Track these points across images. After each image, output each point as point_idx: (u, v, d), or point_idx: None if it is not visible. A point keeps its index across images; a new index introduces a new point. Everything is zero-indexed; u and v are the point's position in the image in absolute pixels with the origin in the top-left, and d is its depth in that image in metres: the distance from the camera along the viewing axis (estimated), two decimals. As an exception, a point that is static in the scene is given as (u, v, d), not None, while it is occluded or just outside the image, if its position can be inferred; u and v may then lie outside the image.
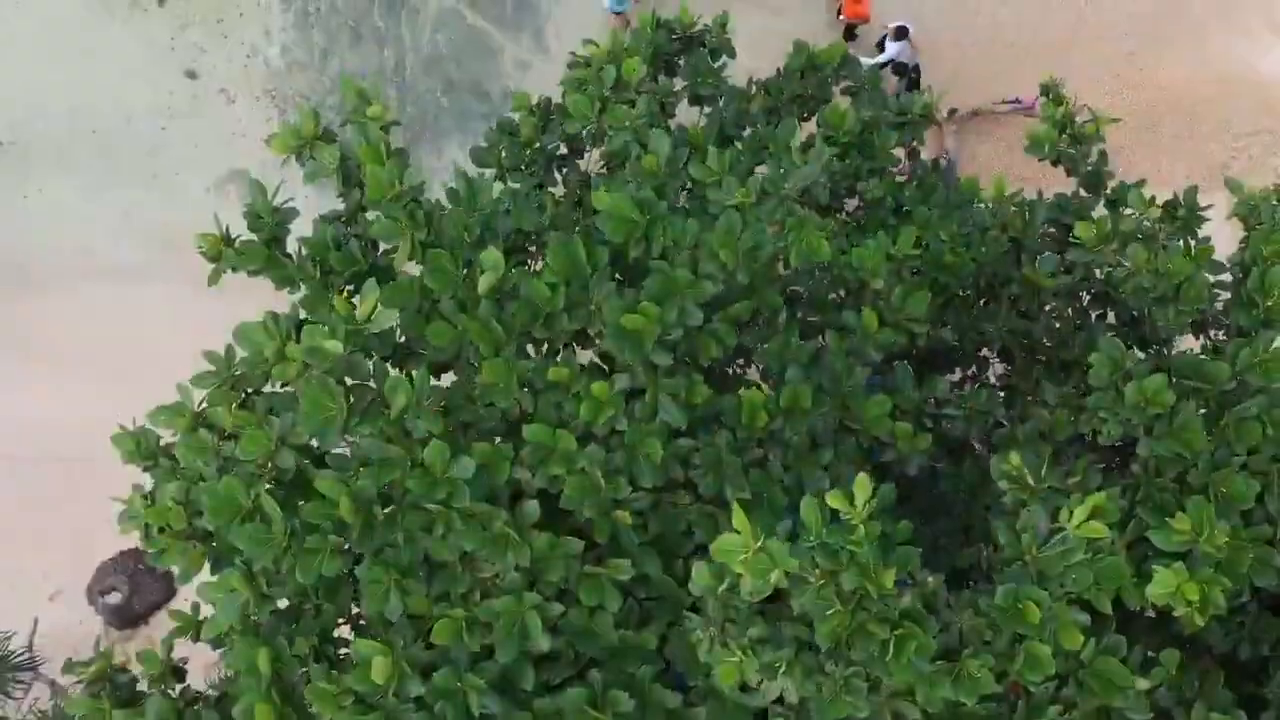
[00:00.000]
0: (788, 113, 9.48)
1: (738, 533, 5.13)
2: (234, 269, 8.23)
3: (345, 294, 7.88)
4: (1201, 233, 14.56)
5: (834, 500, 5.14)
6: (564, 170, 9.27)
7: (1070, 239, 7.27)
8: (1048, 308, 8.46)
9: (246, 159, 16.02)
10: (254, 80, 16.05)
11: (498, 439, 6.20)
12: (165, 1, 16.05)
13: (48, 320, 15.92)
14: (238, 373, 7.60)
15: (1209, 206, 9.76)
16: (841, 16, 15.02)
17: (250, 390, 7.04)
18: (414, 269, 6.72)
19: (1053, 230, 9.63)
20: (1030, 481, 5.79)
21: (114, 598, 15.08)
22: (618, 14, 15.22)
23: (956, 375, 8.98)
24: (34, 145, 16.03)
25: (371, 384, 5.75)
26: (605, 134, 6.55)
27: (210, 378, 7.61)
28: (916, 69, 14.77)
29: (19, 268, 15.99)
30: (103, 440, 16.33)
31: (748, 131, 9.30)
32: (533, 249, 6.88)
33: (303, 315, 7.57)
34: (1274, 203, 6.82)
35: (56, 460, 15.70)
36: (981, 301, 8.63)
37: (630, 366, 6.17)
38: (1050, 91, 10.02)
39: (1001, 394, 8.51)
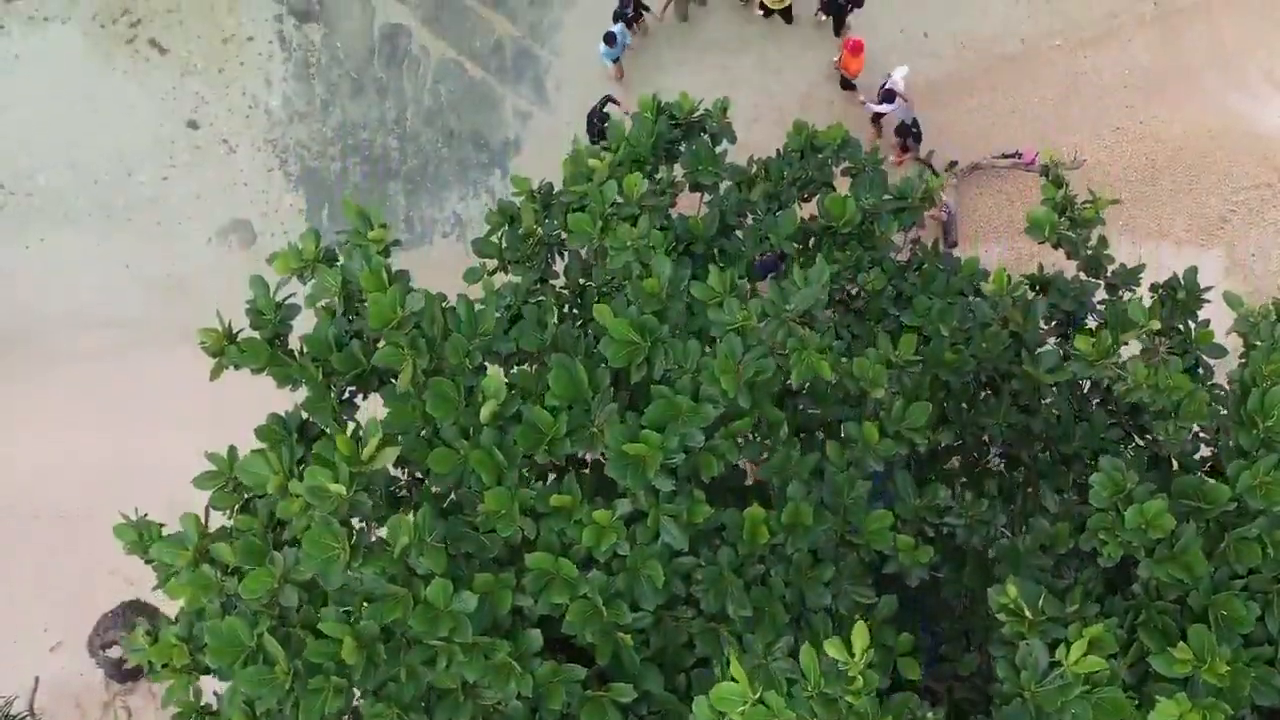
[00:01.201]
0: (788, 197, 9.52)
1: (735, 680, 5.14)
2: (235, 367, 8.23)
3: (347, 397, 7.93)
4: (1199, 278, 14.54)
5: (832, 649, 5.15)
6: (565, 254, 9.33)
7: (1071, 350, 7.26)
8: (1047, 400, 8.47)
9: (248, 209, 16.12)
10: (255, 130, 16.08)
11: (498, 565, 6.21)
12: (167, 51, 16.08)
13: (48, 371, 15.94)
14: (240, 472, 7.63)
15: (1209, 288, 9.83)
16: (837, 66, 15.07)
17: (253, 495, 7.07)
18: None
19: (1054, 318, 9.69)
20: (1028, 614, 5.80)
21: (115, 651, 15.06)
22: (614, 62, 15.24)
23: (956, 463, 9.01)
24: (36, 196, 16.08)
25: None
26: (607, 252, 6.55)
27: (212, 479, 7.63)
28: (915, 124, 14.78)
29: (20, 318, 16.03)
30: (103, 492, 16.39)
31: (749, 219, 9.37)
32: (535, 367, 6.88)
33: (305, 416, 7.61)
34: (1273, 320, 6.81)
35: (57, 513, 15.73)
36: (981, 396, 8.64)
37: (632, 491, 6.19)
38: (1050, 173, 10.02)
39: (1001, 494, 8.56)
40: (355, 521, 5.93)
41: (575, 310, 8.62)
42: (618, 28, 14.64)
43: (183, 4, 16.11)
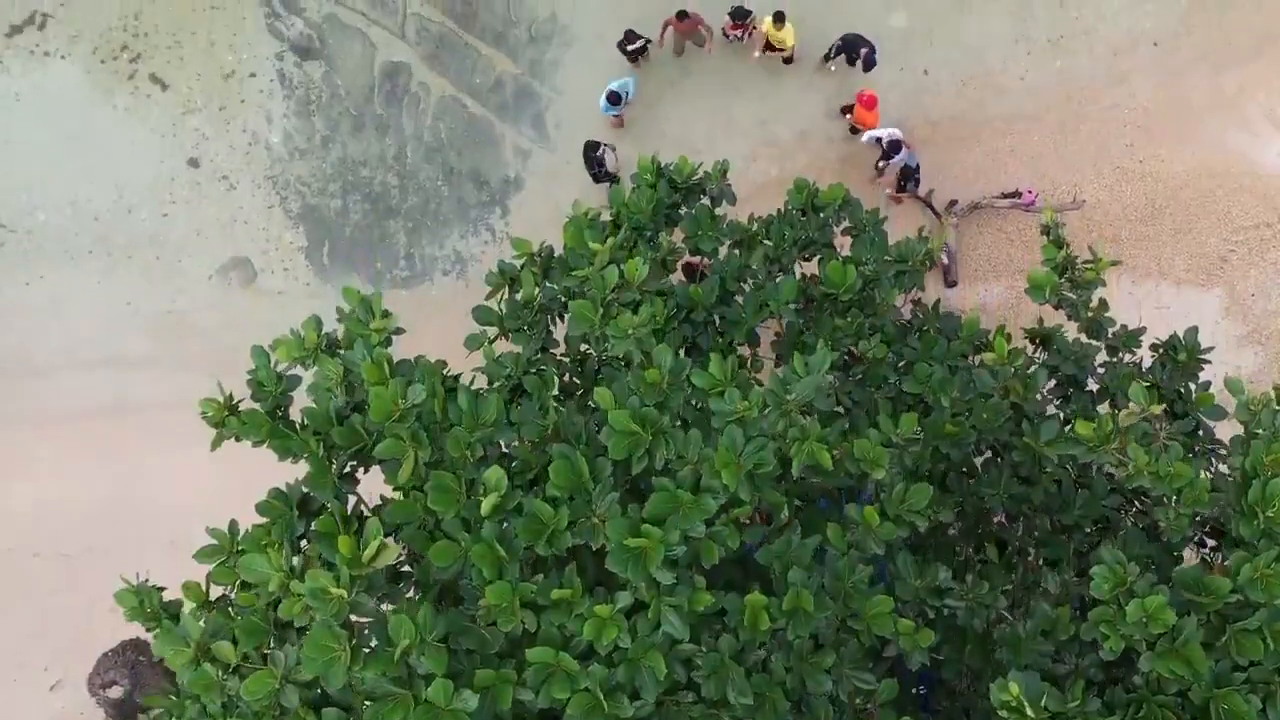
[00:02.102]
0: (789, 260, 9.53)
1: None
2: (237, 439, 8.24)
3: (349, 471, 7.92)
4: (1199, 317, 14.61)
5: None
6: (565, 316, 9.33)
7: (1071, 412, 7.26)
8: (1048, 469, 8.47)
9: (248, 246, 16.13)
10: (256, 167, 16.09)
11: (499, 658, 6.21)
12: (168, 86, 16.09)
13: (49, 410, 15.95)
14: (241, 549, 7.63)
15: (1210, 350, 9.83)
16: (848, 117, 15.04)
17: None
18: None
19: (1054, 382, 9.69)
20: (1030, 713, 5.80)
21: (115, 691, 15.03)
22: (615, 116, 15.24)
23: (956, 528, 9.01)
24: (36, 233, 16.08)
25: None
26: (609, 340, 6.56)
27: (212, 554, 7.64)
28: (918, 169, 14.78)
29: (20, 356, 16.03)
30: (103, 531, 16.39)
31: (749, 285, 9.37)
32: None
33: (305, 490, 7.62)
34: (1275, 408, 6.81)
35: (57, 551, 15.72)
36: (982, 465, 8.64)
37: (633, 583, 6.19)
38: (1051, 232, 10.03)
39: (1003, 560, 8.57)
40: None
41: (577, 379, 8.63)
42: (619, 83, 14.62)
43: (183, 40, 16.11)
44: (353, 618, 5.85)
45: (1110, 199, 15.27)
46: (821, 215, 9.79)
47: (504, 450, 7.33)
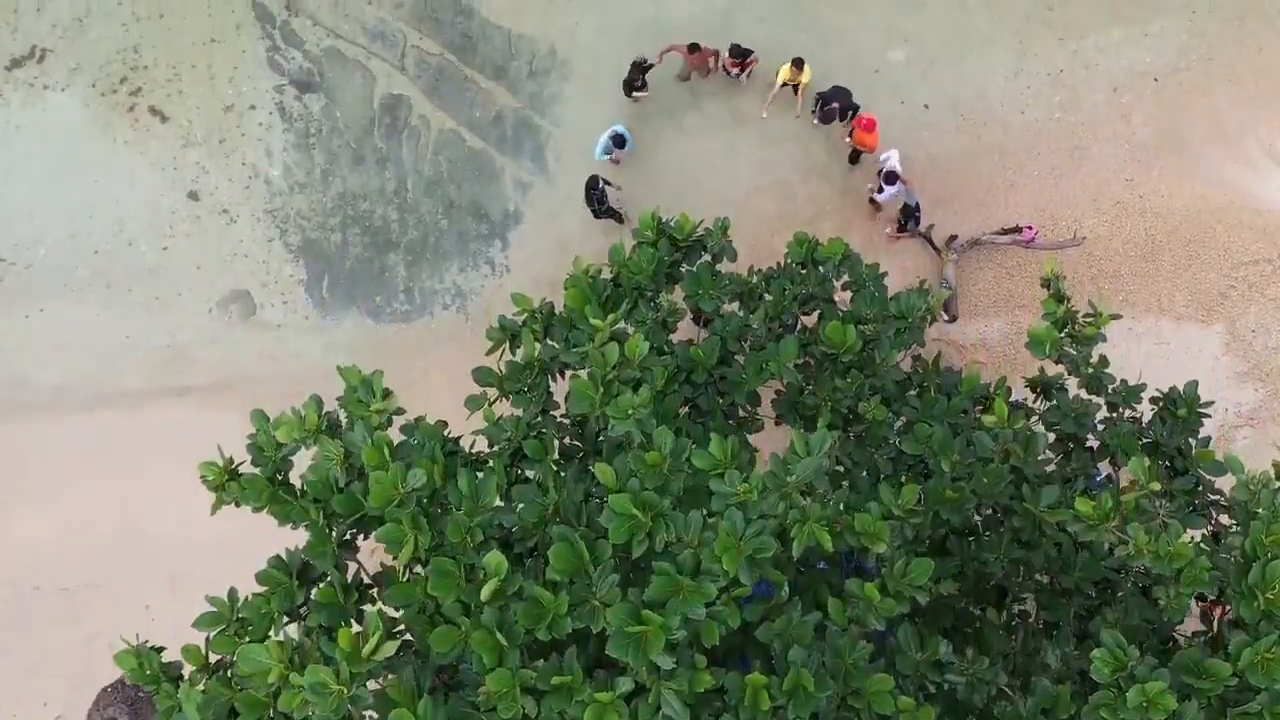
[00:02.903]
0: (789, 316, 9.52)
1: None
2: (237, 504, 8.24)
3: (350, 538, 7.92)
4: (1199, 364, 14.57)
5: None
6: (565, 374, 9.33)
7: (1071, 505, 7.25)
8: (1048, 533, 8.46)
9: (248, 279, 16.12)
10: (255, 200, 16.08)
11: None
12: (168, 119, 16.08)
13: (48, 443, 15.94)
14: (241, 615, 7.63)
15: (1210, 404, 9.82)
16: (849, 140, 15.03)
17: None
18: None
19: (1054, 437, 9.68)
20: (1032, 803, 5.80)
21: (114, 727, 15.03)
22: (611, 158, 15.23)
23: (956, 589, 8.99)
24: (36, 266, 16.07)
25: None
26: (610, 421, 6.55)
27: (213, 621, 7.63)
28: (917, 206, 14.78)
29: (20, 389, 16.03)
30: (103, 566, 16.36)
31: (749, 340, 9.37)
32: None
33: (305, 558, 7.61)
34: (1275, 487, 6.80)
35: (57, 586, 15.71)
36: (983, 523, 8.64)
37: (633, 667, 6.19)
38: (1051, 285, 10.02)
39: (1005, 623, 8.55)
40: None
41: (578, 441, 8.62)
42: (622, 127, 14.61)
43: (183, 73, 16.11)
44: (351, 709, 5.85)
45: (1110, 234, 15.27)
46: (821, 270, 9.79)
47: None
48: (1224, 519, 9.48)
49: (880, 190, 14.51)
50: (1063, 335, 9.60)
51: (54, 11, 16.15)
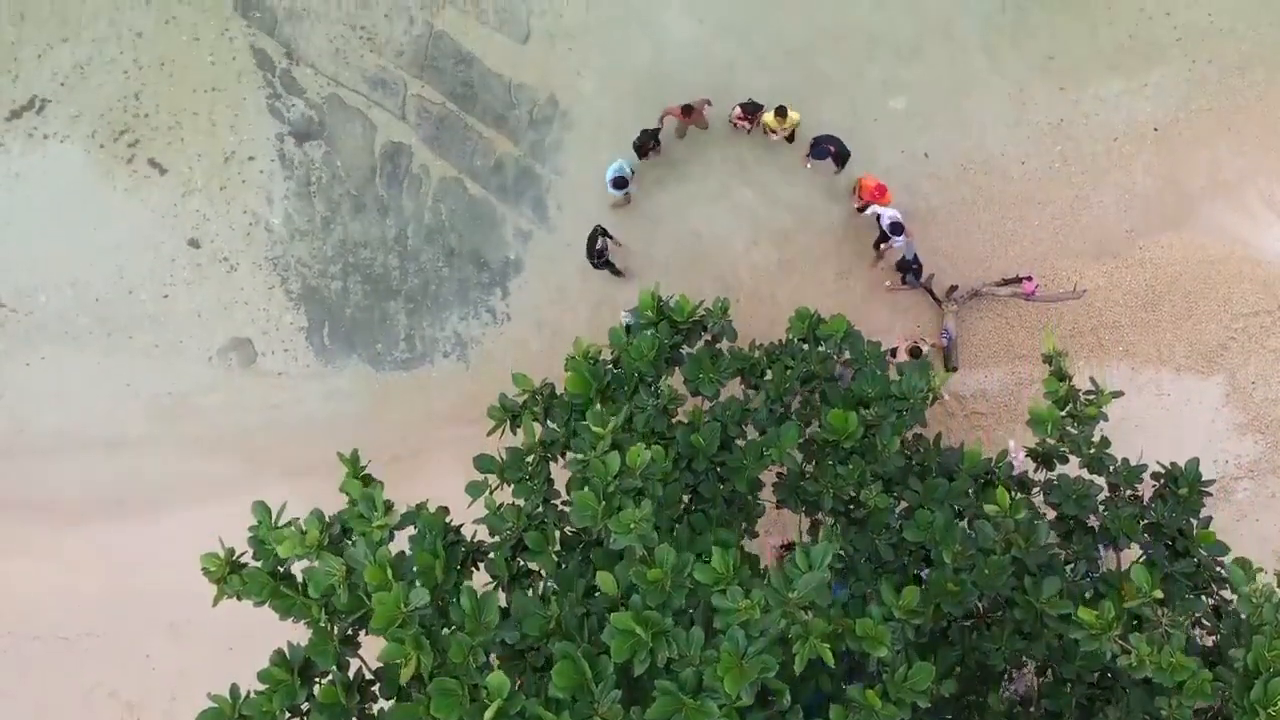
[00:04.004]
0: (790, 397, 9.53)
1: None
2: (239, 598, 8.25)
3: (352, 633, 7.92)
4: (1199, 415, 14.55)
5: None
6: (567, 454, 9.33)
7: (1070, 615, 7.25)
8: (1049, 624, 8.46)
9: (249, 327, 16.13)
10: (256, 248, 16.09)
11: None
12: (166, 171, 16.08)
13: (47, 491, 15.95)
14: (243, 713, 7.65)
15: (1210, 482, 9.82)
16: (857, 203, 15.03)
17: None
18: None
19: (1055, 517, 9.69)
20: None
21: (114, 779, 15.02)
22: (623, 195, 15.22)
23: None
24: (37, 313, 16.08)
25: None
26: (611, 535, 6.55)
27: (215, 716, 7.65)
28: (916, 259, 14.79)
29: (19, 437, 16.04)
30: (103, 615, 16.35)
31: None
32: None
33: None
34: (1276, 600, 6.80)
35: (57, 635, 15.71)
36: (985, 608, 8.64)
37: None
38: (1052, 360, 10.04)
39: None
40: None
41: (580, 532, 8.61)
42: (619, 166, 14.61)
43: (183, 121, 16.12)
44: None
45: (1110, 285, 15.28)
46: (822, 348, 9.80)
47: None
48: (1226, 594, 9.51)
49: (885, 240, 14.47)
50: (1064, 414, 9.64)
51: (55, 59, 16.17)
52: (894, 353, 14.36)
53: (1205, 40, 15.48)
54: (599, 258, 14.70)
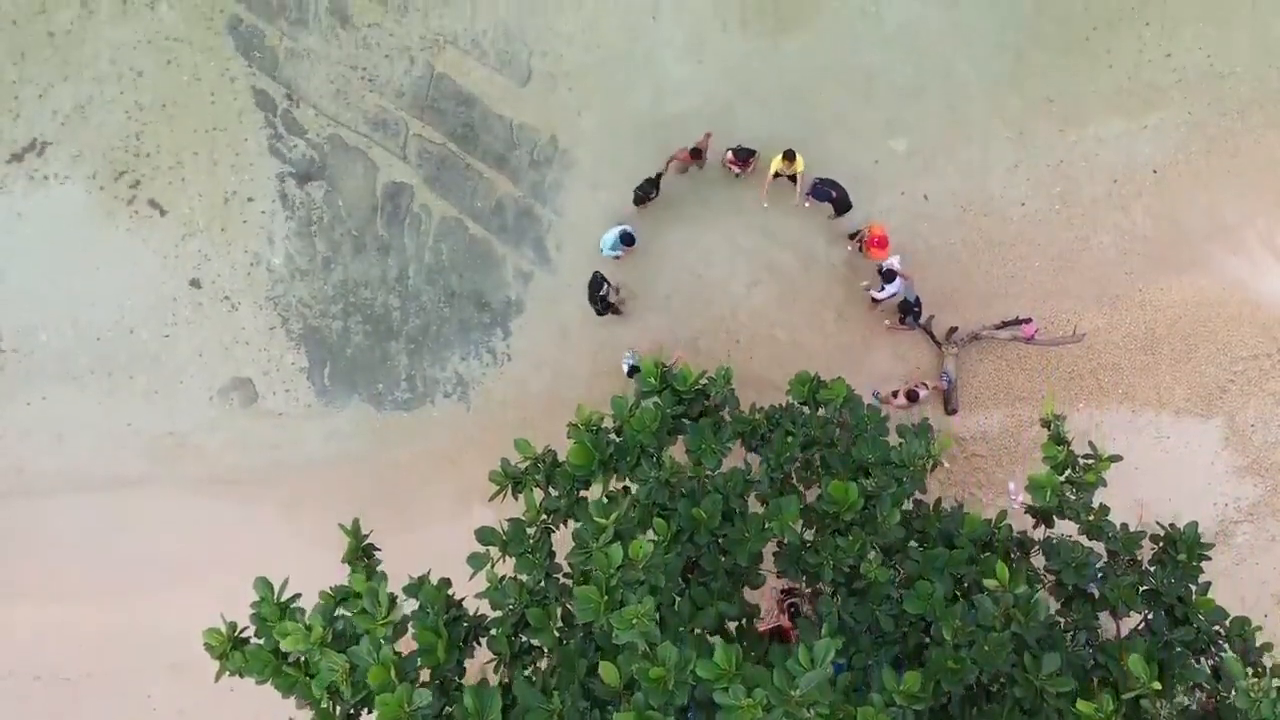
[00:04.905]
0: (790, 466, 9.54)
1: None
2: (240, 674, 8.27)
3: (354, 713, 7.93)
4: (1198, 458, 14.55)
5: None
6: (568, 521, 9.36)
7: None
8: (1049, 700, 8.47)
9: (249, 367, 16.14)
10: (257, 288, 16.11)
11: None
12: (167, 212, 16.10)
13: (49, 530, 15.97)
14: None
15: (1209, 548, 9.84)
16: (858, 249, 15.05)
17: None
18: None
19: (1054, 583, 9.71)
20: None
21: (115, 822, 15.03)
22: (617, 256, 15.25)
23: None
24: (38, 353, 16.10)
25: None
26: (614, 630, 6.57)
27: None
28: (917, 301, 14.81)
29: (21, 477, 16.05)
30: (104, 655, 16.35)
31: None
32: None
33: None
34: (1274, 697, 6.82)
35: (58, 676, 15.72)
36: (984, 695, 8.66)
37: None
38: (1051, 424, 10.06)
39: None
40: None
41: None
42: (630, 227, 14.66)
43: (185, 161, 16.14)
44: None
45: (1110, 327, 15.31)
46: (823, 412, 9.82)
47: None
48: (1225, 655, 9.53)
49: (881, 289, 14.54)
50: (1063, 480, 9.67)
51: (56, 99, 16.18)
52: (894, 395, 14.42)
53: (1204, 83, 15.51)
54: (602, 303, 14.72)
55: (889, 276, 14.21)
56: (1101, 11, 15.53)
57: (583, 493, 9.11)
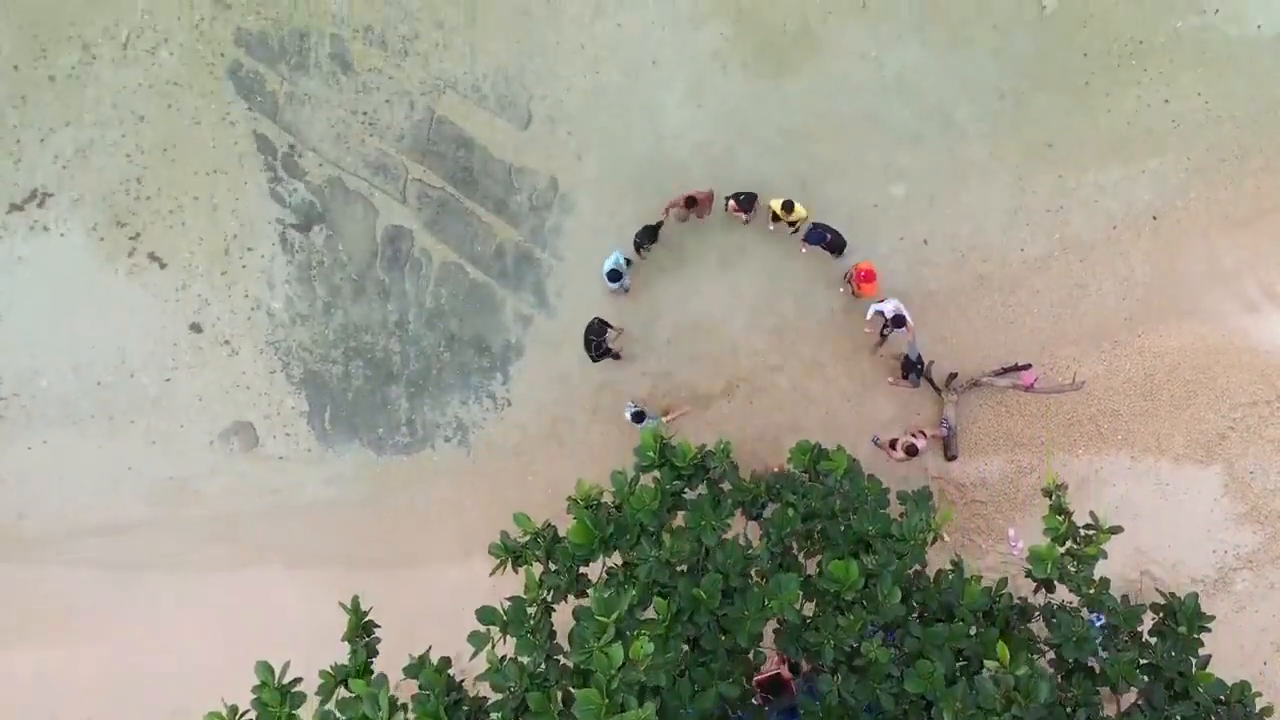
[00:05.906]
0: (789, 540, 9.56)
1: None
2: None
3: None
4: (1197, 505, 14.60)
5: None
6: (570, 595, 9.38)
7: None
8: (1050, 782, 8.50)
9: (250, 411, 16.16)
10: (257, 332, 16.13)
11: None
12: (166, 265, 16.10)
13: (49, 576, 16.00)
14: None
15: (1211, 618, 9.87)
16: (854, 292, 15.07)
17: None
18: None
19: (1053, 655, 9.72)
20: None
21: None
22: (621, 289, 15.28)
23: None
24: (38, 399, 16.12)
25: None
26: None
27: None
28: (920, 360, 14.79)
29: (22, 521, 16.08)
30: (103, 701, 16.38)
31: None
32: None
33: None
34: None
35: (59, 723, 15.73)
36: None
37: None
38: (1052, 494, 10.08)
39: None
40: None
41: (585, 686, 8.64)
42: (615, 260, 14.67)
43: (185, 205, 16.15)
44: None
45: (1108, 373, 15.34)
46: (824, 483, 9.84)
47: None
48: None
49: (888, 328, 14.50)
50: (1064, 552, 9.69)
51: (57, 143, 16.20)
52: (892, 445, 14.42)
53: (1203, 129, 15.54)
54: (598, 349, 14.74)
55: (898, 322, 14.18)
56: (1100, 58, 15.55)
57: (583, 569, 9.13)
